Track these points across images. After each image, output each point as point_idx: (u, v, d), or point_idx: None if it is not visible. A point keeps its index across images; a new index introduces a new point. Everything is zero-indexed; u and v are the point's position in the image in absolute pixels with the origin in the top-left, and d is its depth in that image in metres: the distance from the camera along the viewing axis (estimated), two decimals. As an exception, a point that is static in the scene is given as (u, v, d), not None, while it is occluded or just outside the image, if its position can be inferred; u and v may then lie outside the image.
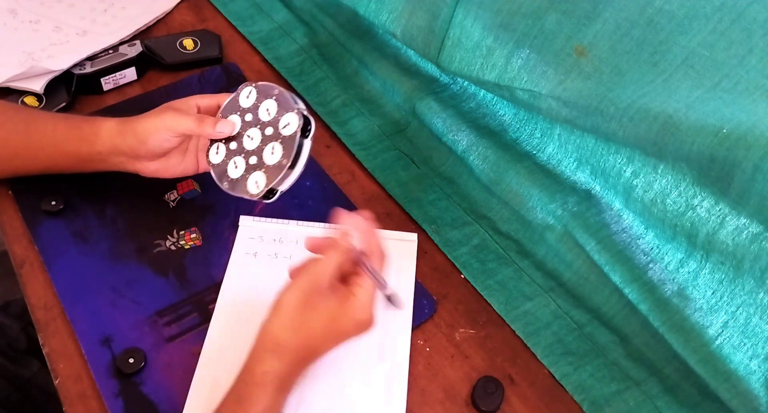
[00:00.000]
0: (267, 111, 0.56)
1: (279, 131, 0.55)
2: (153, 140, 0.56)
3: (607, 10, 0.50)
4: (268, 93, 0.57)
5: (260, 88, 0.57)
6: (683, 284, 0.53)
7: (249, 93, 0.58)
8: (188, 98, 0.60)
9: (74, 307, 0.57)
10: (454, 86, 0.72)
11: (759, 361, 0.49)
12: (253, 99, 0.58)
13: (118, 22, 0.79)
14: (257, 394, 0.46)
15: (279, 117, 0.55)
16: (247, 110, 0.57)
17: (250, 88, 0.58)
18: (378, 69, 0.75)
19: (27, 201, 0.63)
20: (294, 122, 0.54)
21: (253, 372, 0.46)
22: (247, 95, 0.58)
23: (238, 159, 0.57)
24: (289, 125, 0.55)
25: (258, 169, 0.55)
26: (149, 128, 0.56)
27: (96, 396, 0.53)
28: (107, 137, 0.57)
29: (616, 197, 0.59)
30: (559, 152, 0.63)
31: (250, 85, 0.58)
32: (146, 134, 0.56)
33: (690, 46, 0.46)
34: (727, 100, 0.44)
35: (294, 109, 0.55)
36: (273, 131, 0.55)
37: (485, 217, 0.66)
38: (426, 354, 0.57)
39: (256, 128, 0.57)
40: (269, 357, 0.47)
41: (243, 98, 0.58)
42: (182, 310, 0.58)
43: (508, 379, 0.56)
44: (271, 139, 0.55)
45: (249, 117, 0.57)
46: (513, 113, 0.67)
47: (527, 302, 0.60)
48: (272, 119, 0.56)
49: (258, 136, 0.56)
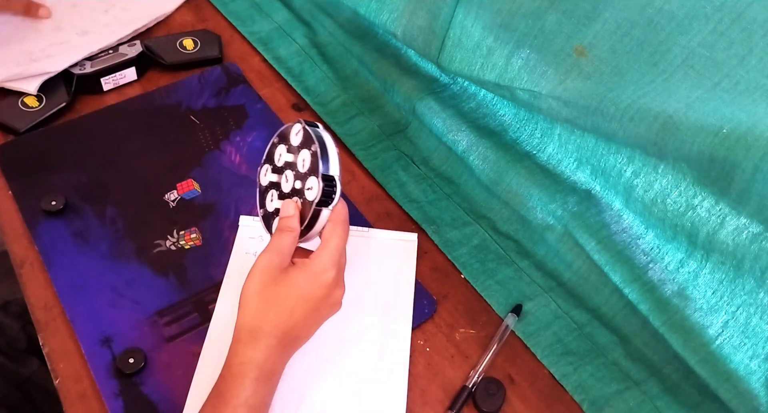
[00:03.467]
0: (303, 162, 0.52)
1: (304, 189, 0.51)
2: None
3: (607, 10, 0.50)
4: (308, 143, 0.52)
5: (306, 133, 0.52)
6: (683, 284, 0.53)
7: (298, 131, 0.54)
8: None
9: (74, 307, 0.57)
10: (454, 86, 0.72)
11: (759, 361, 0.49)
12: (299, 140, 0.53)
13: (119, 23, 0.79)
14: (236, 385, 0.45)
15: (308, 175, 0.51)
16: (292, 149, 0.53)
17: (300, 128, 0.53)
18: (378, 69, 0.75)
19: (27, 201, 0.63)
20: (315, 189, 0.50)
21: (231, 365, 0.46)
22: (296, 132, 0.54)
23: (274, 194, 0.54)
24: (311, 190, 0.50)
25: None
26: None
27: (96, 396, 0.53)
28: None
29: (616, 197, 0.59)
30: (559, 152, 0.63)
31: (300, 125, 0.53)
32: None
33: (690, 46, 0.46)
34: (727, 100, 0.44)
35: (318, 174, 0.50)
36: (301, 186, 0.52)
37: (485, 217, 0.66)
38: (426, 354, 0.57)
39: (292, 174, 0.53)
40: (244, 347, 0.47)
41: (293, 134, 0.54)
42: (182, 310, 0.58)
43: (509, 379, 0.56)
44: (297, 193, 0.52)
45: (291, 157, 0.53)
46: (513, 113, 0.67)
47: (527, 302, 0.60)
48: (303, 173, 0.52)
49: (291, 182, 0.53)
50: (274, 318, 0.47)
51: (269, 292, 0.47)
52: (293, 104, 0.76)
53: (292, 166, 0.53)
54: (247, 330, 0.47)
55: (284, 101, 0.76)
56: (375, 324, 0.57)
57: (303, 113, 0.75)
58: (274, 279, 0.48)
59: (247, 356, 0.46)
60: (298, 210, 0.51)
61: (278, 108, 0.75)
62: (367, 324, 0.57)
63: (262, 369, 0.46)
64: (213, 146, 0.70)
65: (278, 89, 0.77)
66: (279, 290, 0.48)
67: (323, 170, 0.50)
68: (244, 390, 0.45)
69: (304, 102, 0.75)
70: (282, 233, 0.50)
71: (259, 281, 0.48)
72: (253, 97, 0.75)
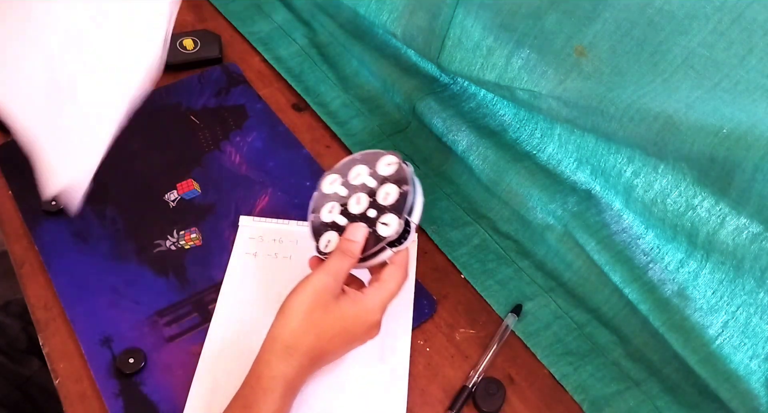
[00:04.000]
0: (386, 195, 0.51)
1: (377, 222, 0.50)
2: None
3: (607, 10, 0.50)
4: (401, 181, 0.51)
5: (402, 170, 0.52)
6: (683, 284, 0.53)
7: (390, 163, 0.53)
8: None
9: (74, 307, 0.57)
10: (454, 86, 0.72)
11: (759, 361, 0.49)
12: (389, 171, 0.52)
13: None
14: (265, 400, 0.45)
15: (386, 211, 0.50)
16: (376, 176, 0.53)
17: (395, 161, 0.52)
18: (378, 69, 0.75)
19: (27, 201, 0.63)
20: (393, 228, 0.49)
21: (261, 377, 0.46)
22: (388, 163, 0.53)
23: (335, 207, 0.53)
24: (388, 227, 0.50)
25: (337, 230, 0.52)
26: None
27: (96, 396, 0.53)
28: None
29: (616, 197, 0.59)
30: (559, 152, 0.63)
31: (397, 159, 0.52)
32: None
33: (690, 46, 0.46)
34: (727, 100, 0.44)
35: (403, 215, 0.50)
36: (375, 215, 0.51)
37: (485, 217, 0.66)
38: (426, 354, 0.57)
39: (368, 199, 0.52)
40: (277, 360, 0.46)
41: (383, 163, 0.53)
42: (182, 310, 0.58)
43: (509, 379, 0.56)
44: (366, 221, 0.51)
45: (372, 183, 0.53)
46: (513, 113, 0.67)
47: (527, 302, 0.60)
48: (382, 206, 0.51)
49: (363, 207, 0.52)
50: (313, 342, 0.47)
51: (316, 315, 0.47)
52: (293, 104, 0.76)
53: (369, 191, 0.52)
54: (284, 344, 0.46)
55: (284, 101, 0.76)
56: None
57: (303, 113, 0.75)
58: (324, 304, 0.47)
59: (279, 371, 0.46)
60: (364, 240, 0.50)
61: (278, 108, 0.75)
62: None
63: (290, 386, 0.46)
64: (213, 146, 0.70)
65: (278, 89, 0.77)
66: (326, 317, 0.47)
67: (407, 214, 0.50)
68: (272, 405, 0.45)
69: (304, 102, 0.75)
70: (343, 257, 0.49)
71: (309, 301, 0.47)
72: (253, 98, 0.75)
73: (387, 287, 0.49)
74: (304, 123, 0.74)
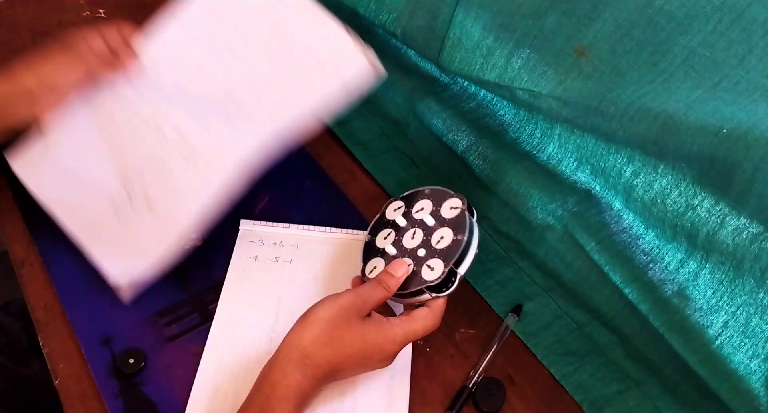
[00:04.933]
0: (441, 239, 0.51)
1: (424, 262, 0.51)
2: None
3: (607, 10, 0.50)
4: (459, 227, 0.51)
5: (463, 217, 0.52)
6: (683, 284, 0.53)
7: (454, 206, 0.54)
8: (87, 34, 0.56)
9: (74, 307, 0.57)
10: (455, 86, 0.72)
11: (759, 361, 0.49)
12: (450, 215, 0.53)
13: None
14: (280, 409, 0.44)
15: (436, 254, 0.51)
16: (439, 217, 0.53)
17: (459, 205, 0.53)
18: (378, 69, 0.75)
19: (27, 201, 0.63)
20: (437, 274, 0.50)
21: (277, 385, 0.45)
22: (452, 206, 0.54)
23: (392, 234, 0.55)
24: (433, 271, 0.50)
25: (431, 257, 0.52)
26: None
27: (96, 396, 0.53)
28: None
29: (616, 197, 0.59)
30: (559, 152, 0.63)
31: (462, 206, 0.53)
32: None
33: (690, 46, 0.46)
34: (727, 100, 0.44)
35: (450, 263, 0.50)
36: (424, 255, 0.51)
37: (485, 217, 0.66)
38: (426, 354, 0.57)
39: (422, 237, 0.52)
40: (294, 369, 0.45)
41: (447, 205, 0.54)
42: (182, 310, 0.58)
43: (509, 379, 0.56)
44: (414, 258, 0.52)
45: (431, 222, 0.53)
46: (513, 113, 0.67)
47: (527, 302, 0.60)
48: (434, 248, 0.51)
49: (417, 242, 0.52)
50: (330, 355, 0.47)
51: (338, 329, 0.47)
52: (293, 104, 0.76)
53: (426, 230, 0.52)
54: (302, 353, 0.46)
55: (284, 101, 0.76)
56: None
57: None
58: (348, 320, 0.47)
59: (295, 380, 0.45)
60: (405, 277, 0.51)
61: (278, 108, 0.75)
62: None
63: (305, 396, 0.46)
64: (213, 146, 0.70)
65: (278, 89, 0.77)
66: (347, 333, 0.47)
67: (455, 264, 0.50)
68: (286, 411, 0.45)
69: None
70: (379, 286, 0.50)
71: (334, 314, 0.47)
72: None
73: (414, 325, 0.49)
74: (304, 123, 0.74)
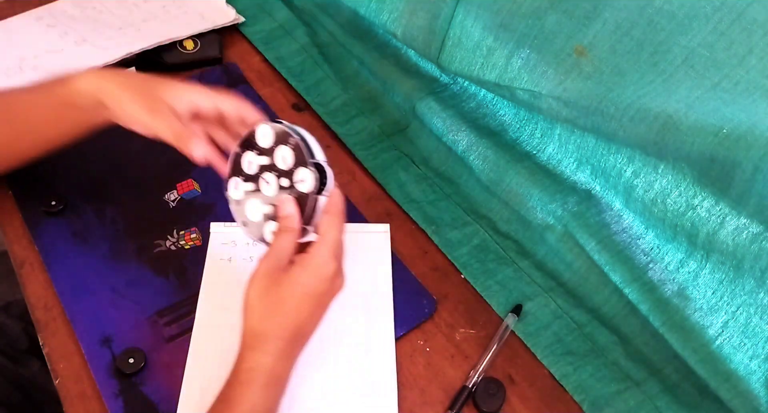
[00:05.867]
0: (283, 159, 0.51)
1: (294, 184, 0.50)
2: (128, 124, 0.54)
3: (607, 10, 0.50)
4: (284, 139, 0.51)
5: (278, 130, 0.51)
6: (683, 284, 0.53)
7: (265, 133, 0.52)
8: (185, 91, 0.55)
9: (74, 307, 0.57)
10: (455, 86, 0.72)
11: (759, 361, 0.49)
12: (269, 140, 0.52)
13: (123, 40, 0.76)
14: (242, 392, 0.45)
15: (295, 169, 0.50)
16: (264, 151, 0.52)
17: (267, 128, 0.52)
18: (378, 69, 0.75)
19: (27, 201, 0.63)
20: (309, 179, 0.49)
21: (237, 371, 0.46)
22: (263, 135, 0.52)
23: (255, 202, 0.53)
24: (305, 182, 0.50)
25: (274, 219, 0.51)
26: (129, 114, 0.53)
27: (96, 396, 0.53)
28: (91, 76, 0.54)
29: (616, 197, 0.59)
30: (559, 152, 0.63)
31: (267, 124, 0.52)
32: (124, 116, 0.53)
33: (690, 46, 0.46)
34: (727, 100, 0.44)
35: (308, 163, 0.50)
36: (288, 183, 0.51)
37: (485, 217, 0.66)
38: (426, 354, 0.57)
39: (272, 174, 0.52)
40: (250, 351, 0.46)
41: (260, 137, 0.52)
42: (182, 310, 0.58)
43: (509, 379, 0.56)
44: (286, 190, 0.51)
45: (266, 160, 0.52)
46: (513, 113, 0.67)
47: (527, 302, 0.60)
48: (288, 169, 0.51)
49: (274, 184, 0.52)
50: (281, 320, 0.46)
51: (273, 294, 0.47)
52: (293, 104, 0.76)
53: (269, 168, 0.52)
54: (254, 334, 0.46)
55: (284, 101, 0.76)
56: (357, 319, 0.57)
57: (303, 112, 0.75)
58: (276, 281, 0.47)
59: (254, 361, 0.45)
60: (297, 210, 0.50)
61: (278, 108, 0.75)
62: (349, 319, 0.57)
63: (271, 374, 0.45)
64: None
65: (278, 89, 0.77)
66: (282, 292, 0.47)
67: (311, 158, 0.50)
68: (252, 397, 0.44)
69: (305, 102, 0.75)
70: (282, 235, 0.49)
71: (261, 286, 0.47)
72: (253, 98, 0.75)
73: (328, 237, 0.49)
74: (304, 123, 0.74)
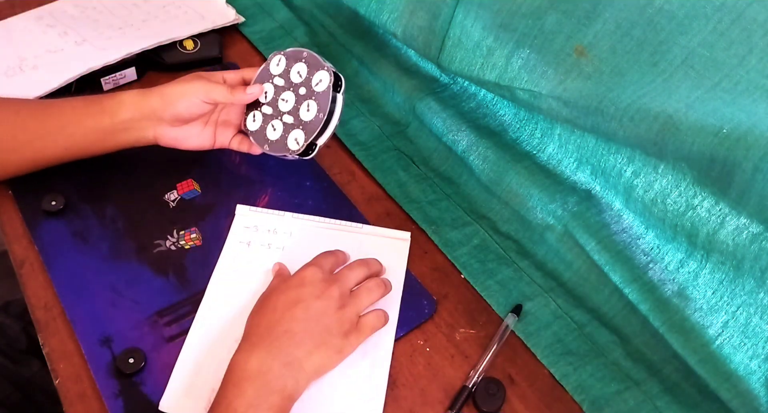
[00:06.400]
0: (298, 73, 0.60)
1: (312, 88, 0.59)
2: (182, 104, 0.59)
3: (607, 10, 0.50)
4: (297, 57, 0.61)
5: (289, 54, 0.61)
6: (683, 284, 0.53)
7: (279, 61, 0.62)
8: (214, 72, 0.63)
9: (74, 307, 0.57)
10: (455, 86, 0.72)
11: (759, 361, 0.49)
12: (283, 65, 0.61)
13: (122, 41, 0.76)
14: (230, 390, 0.46)
15: (310, 76, 0.59)
16: (279, 76, 0.61)
17: (279, 57, 0.62)
18: (378, 69, 0.75)
19: (27, 201, 0.63)
20: (325, 78, 0.59)
21: (232, 370, 0.48)
22: (277, 63, 0.62)
23: (275, 122, 0.61)
24: (321, 81, 0.59)
25: (296, 127, 0.60)
26: (179, 92, 0.59)
27: (96, 396, 0.53)
28: (130, 102, 0.59)
29: (616, 197, 0.59)
30: (559, 152, 0.63)
31: (279, 54, 0.62)
32: (175, 96, 0.59)
33: (690, 46, 0.46)
34: (727, 100, 0.44)
35: (324, 67, 0.59)
36: (306, 90, 0.60)
37: (485, 217, 0.66)
38: (426, 354, 0.57)
39: (290, 91, 0.61)
40: (238, 353, 0.49)
41: (273, 66, 0.62)
42: (182, 310, 0.58)
43: (509, 379, 0.56)
44: (305, 97, 0.60)
45: (281, 82, 0.61)
46: (513, 113, 0.67)
47: (527, 302, 0.60)
48: (304, 79, 0.60)
49: (292, 97, 0.60)
50: (258, 319, 0.51)
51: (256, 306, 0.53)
52: (293, 104, 0.76)
53: (285, 87, 0.61)
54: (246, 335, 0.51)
55: (284, 101, 0.76)
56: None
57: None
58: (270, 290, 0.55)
59: (246, 360, 0.48)
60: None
61: (278, 108, 0.75)
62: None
63: (258, 370, 0.47)
64: (213, 146, 0.70)
65: (278, 89, 0.77)
66: (262, 300, 0.53)
67: (323, 62, 0.59)
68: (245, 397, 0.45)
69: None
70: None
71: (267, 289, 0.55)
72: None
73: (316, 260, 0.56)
74: (304, 123, 0.74)
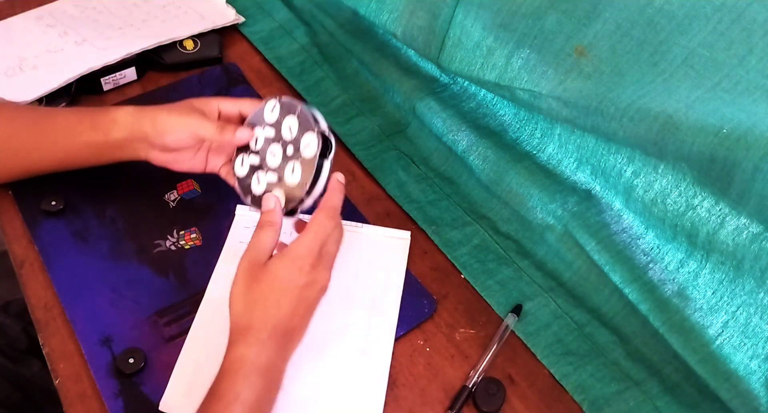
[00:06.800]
0: (289, 128, 0.55)
1: (299, 151, 0.54)
2: (171, 137, 0.56)
3: (607, 10, 0.50)
4: (291, 109, 0.55)
5: (284, 103, 0.56)
6: (683, 284, 0.53)
7: (273, 107, 0.57)
8: (210, 100, 0.59)
9: (74, 307, 0.57)
10: (455, 86, 0.72)
11: (759, 361, 0.49)
12: (276, 114, 0.56)
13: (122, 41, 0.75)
14: (227, 382, 0.45)
15: (299, 137, 0.54)
16: (271, 126, 0.56)
17: (275, 103, 0.56)
18: (378, 69, 0.75)
19: (27, 201, 0.63)
20: (313, 143, 0.53)
21: (223, 364, 0.47)
22: (271, 109, 0.57)
23: (260, 174, 0.56)
24: (309, 146, 0.53)
25: (279, 187, 0.55)
26: (170, 124, 0.56)
27: (96, 396, 0.53)
28: (123, 124, 0.57)
29: (616, 197, 0.59)
30: (559, 152, 0.63)
31: (275, 99, 0.57)
32: (166, 128, 0.56)
33: (690, 46, 0.46)
34: (727, 100, 0.44)
35: (314, 129, 0.53)
36: (293, 151, 0.54)
37: (485, 217, 0.66)
38: (426, 354, 0.57)
39: (279, 145, 0.55)
40: (234, 346, 0.47)
41: (268, 112, 0.57)
42: (182, 310, 0.58)
43: (509, 379, 0.56)
44: (292, 158, 0.54)
45: (272, 133, 0.56)
46: (513, 113, 0.67)
47: (527, 302, 0.60)
48: (293, 138, 0.54)
49: (280, 153, 0.55)
50: (262, 314, 0.48)
51: (253, 290, 0.48)
52: (293, 104, 0.76)
53: (275, 139, 0.56)
54: (238, 329, 0.48)
55: (284, 101, 0.76)
56: (361, 319, 0.57)
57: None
58: (255, 276, 0.48)
59: (238, 353, 0.46)
60: (279, 205, 0.52)
61: (278, 108, 0.75)
62: (353, 318, 0.57)
63: (254, 364, 0.46)
64: (213, 146, 0.70)
65: (278, 89, 0.77)
66: (262, 287, 0.48)
67: (316, 125, 0.54)
68: (236, 386, 0.45)
69: (305, 102, 0.75)
70: (262, 230, 0.50)
71: (243, 282, 0.49)
72: (253, 97, 0.75)
73: (311, 230, 0.50)
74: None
